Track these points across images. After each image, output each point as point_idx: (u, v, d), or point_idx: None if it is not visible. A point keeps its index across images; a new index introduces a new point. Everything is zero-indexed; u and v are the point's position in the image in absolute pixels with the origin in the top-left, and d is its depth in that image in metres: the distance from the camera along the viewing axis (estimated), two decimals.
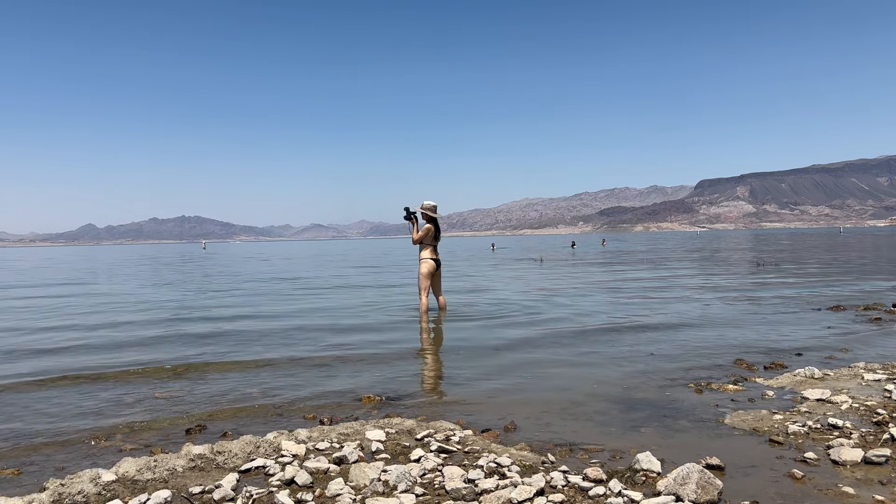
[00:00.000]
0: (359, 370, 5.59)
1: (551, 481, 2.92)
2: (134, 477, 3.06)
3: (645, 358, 5.85)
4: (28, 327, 9.03)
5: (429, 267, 9.15)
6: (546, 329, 7.68)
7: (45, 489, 2.92)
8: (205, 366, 5.89)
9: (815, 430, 3.61)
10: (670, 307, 9.59)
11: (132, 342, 7.39)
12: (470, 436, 3.65)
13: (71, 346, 7.18)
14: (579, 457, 3.34)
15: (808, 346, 6.24)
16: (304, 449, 3.43)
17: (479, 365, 5.74)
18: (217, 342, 7.23)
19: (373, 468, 3.04)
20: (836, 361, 5.50)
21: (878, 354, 5.71)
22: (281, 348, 6.73)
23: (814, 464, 3.13)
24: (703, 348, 6.23)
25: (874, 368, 5.00)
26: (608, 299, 10.88)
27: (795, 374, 4.92)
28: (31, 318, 10.13)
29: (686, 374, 5.15)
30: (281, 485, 2.99)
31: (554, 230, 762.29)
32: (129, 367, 5.93)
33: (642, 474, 2.99)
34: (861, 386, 4.53)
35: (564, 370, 5.45)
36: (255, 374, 5.54)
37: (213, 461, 3.27)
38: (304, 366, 5.81)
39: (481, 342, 6.89)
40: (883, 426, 3.59)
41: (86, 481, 2.95)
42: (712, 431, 3.71)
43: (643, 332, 7.33)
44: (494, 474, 3.03)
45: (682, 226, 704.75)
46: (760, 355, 5.84)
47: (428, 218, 9.25)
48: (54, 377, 5.51)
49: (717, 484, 2.74)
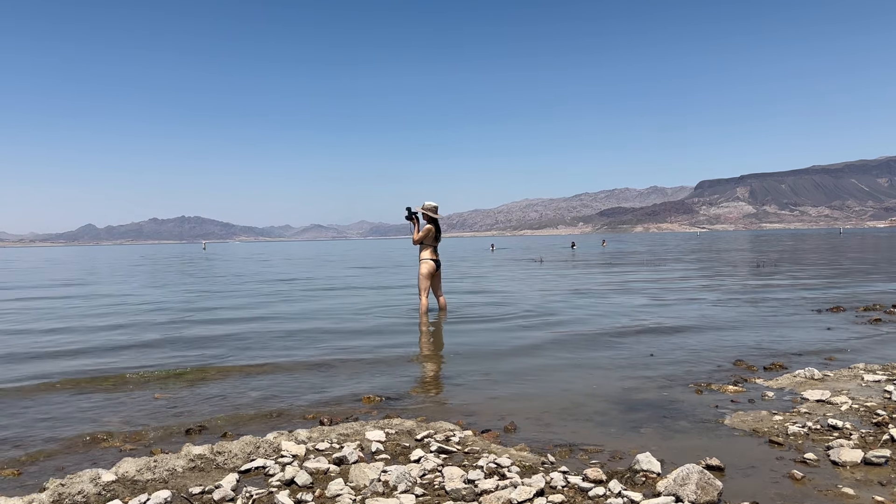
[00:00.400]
0: (358, 371, 5.59)
1: (551, 482, 2.92)
2: (134, 477, 3.06)
3: (645, 359, 5.85)
4: (27, 330, 9.03)
5: (429, 267, 9.15)
6: (546, 330, 7.68)
7: (45, 489, 2.92)
8: (205, 367, 5.89)
9: (815, 430, 3.61)
10: (670, 308, 9.59)
11: (132, 344, 7.39)
12: (470, 436, 3.65)
13: (69, 349, 7.18)
14: (579, 457, 3.34)
15: (807, 347, 6.24)
16: (304, 449, 3.43)
17: (479, 366, 5.74)
18: (217, 344, 7.23)
19: (373, 469, 3.04)
20: (835, 362, 5.51)
21: (877, 355, 5.71)
22: (281, 349, 6.73)
23: (813, 465, 3.13)
24: (703, 349, 6.23)
25: (874, 369, 5.00)
26: (608, 300, 10.88)
27: (795, 375, 4.92)
28: (29, 321, 10.12)
29: (686, 375, 5.15)
30: (281, 485, 2.99)
31: (554, 231, 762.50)
32: (129, 369, 5.93)
33: (642, 475, 2.99)
34: (861, 387, 4.53)
35: (564, 371, 5.45)
36: (256, 375, 5.54)
37: (212, 461, 3.28)
38: (304, 367, 5.81)
39: (481, 343, 6.89)
40: (883, 427, 3.59)
41: (86, 481, 2.95)
42: (712, 432, 3.71)
43: (643, 332, 7.33)
44: (494, 475, 3.03)
45: (681, 226, 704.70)
46: (760, 356, 5.84)
47: (429, 218, 9.26)
48: (53, 380, 5.51)
49: (716, 485, 2.75)
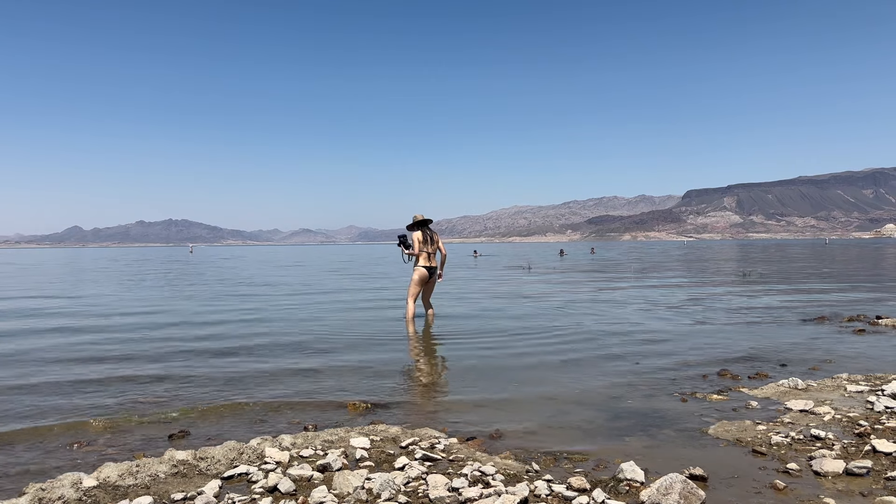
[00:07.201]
0: (344, 377, 5.57)
1: (535, 490, 2.92)
2: (115, 482, 3.03)
3: (631, 367, 5.88)
4: (8, 330, 8.94)
5: (420, 275, 9.14)
6: (532, 337, 7.69)
7: (24, 494, 2.88)
8: (189, 372, 5.84)
9: (798, 440, 3.63)
10: (657, 316, 9.63)
11: (115, 346, 7.32)
12: (455, 444, 3.65)
13: (53, 351, 7.11)
14: (564, 466, 3.35)
15: (792, 356, 6.29)
16: (288, 456, 3.41)
17: (465, 373, 5.74)
18: (202, 348, 7.18)
19: (356, 476, 3.03)
20: (819, 372, 5.55)
21: (861, 366, 5.76)
22: (267, 354, 6.69)
23: (796, 475, 3.15)
24: (689, 358, 6.26)
25: (857, 380, 5.04)
26: (595, 308, 10.91)
27: (779, 385, 4.96)
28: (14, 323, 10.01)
29: (671, 384, 5.18)
30: (264, 492, 2.97)
31: (542, 238, 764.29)
32: (112, 371, 5.88)
33: (626, 484, 3.00)
34: (844, 397, 4.57)
35: (550, 378, 5.46)
36: (241, 379, 5.51)
37: (195, 467, 3.25)
38: (289, 372, 5.78)
39: (467, 350, 6.89)
40: (865, 438, 3.62)
41: (66, 486, 2.92)
42: (696, 441, 3.73)
43: (629, 340, 7.35)
44: (479, 483, 3.03)
45: (669, 235, 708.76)
46: (745, 366, 5.88)
47: (415, 226, 9.25)
48: (35, 381, 5.45)
49: (699, 494, 2.76)
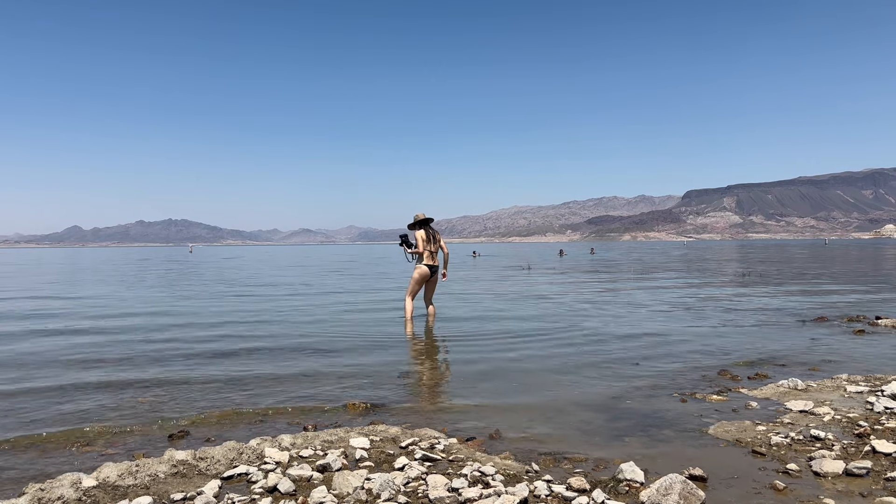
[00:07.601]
0: (344, 377, 5.57)
1: (535, 491, 2.92)
2: (115, 482, 3.03)
3: (630, 367, 5.88)
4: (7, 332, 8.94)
5: (421, 273, 9.14)
6: (532, 337, 7.69)
7: (23, 494, 2.88)
8: (189, 372, 5.84)
9: (798, 441, 3.63)
10: (656, 317, 9.63)
11: (115, 347, 7.32)
12: (454, 444, 3.65)
13: (53, 352, 7.11)
14: (563, 466, 3.35)
15: (791, 357, 6.29)
16: (288, 456, 3.41)
17: (465, 373, 5.74)
18: (202, 349, 7.17)
19: (356, 476, 3.03)
20: (819, 373, 5.55)
21: (860, 367, 5.76)
22: (266, 356, 6.69)
23: (796, 475, 3.15)
24: (689, 358, 6.26)
25: (857, 380, 5.04)
26: (595, 308, 10.91)
27: (779, 386, 4.96)
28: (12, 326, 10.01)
29: (671, 384, 5.18)
30: (263, 492, 2.97)
31: (542, 238, 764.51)
32: (112, 372, 5.88)
33: (625, 484, 3.00)
34: (843, 398, 4.57)
35: (550, 379, 5.46)
36: (241, 380, 5.50)
37: (195, 467, 3.25)
38: (289, 373, 5.78)
39: (467, 350, 6.89)
40: (864, 438, 3.62)
41: (66, 486, 2.92)
42: (696, 441, 3.73)
43: (629, 341, 7.35)
44: (478, 483, 3.03)
45: (669, 235, 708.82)
46: (745, 366, 5.88)
47: (417, 225, 9.25)
48: (35, 384, 5.45)
49: (699, 495, 2.76)
